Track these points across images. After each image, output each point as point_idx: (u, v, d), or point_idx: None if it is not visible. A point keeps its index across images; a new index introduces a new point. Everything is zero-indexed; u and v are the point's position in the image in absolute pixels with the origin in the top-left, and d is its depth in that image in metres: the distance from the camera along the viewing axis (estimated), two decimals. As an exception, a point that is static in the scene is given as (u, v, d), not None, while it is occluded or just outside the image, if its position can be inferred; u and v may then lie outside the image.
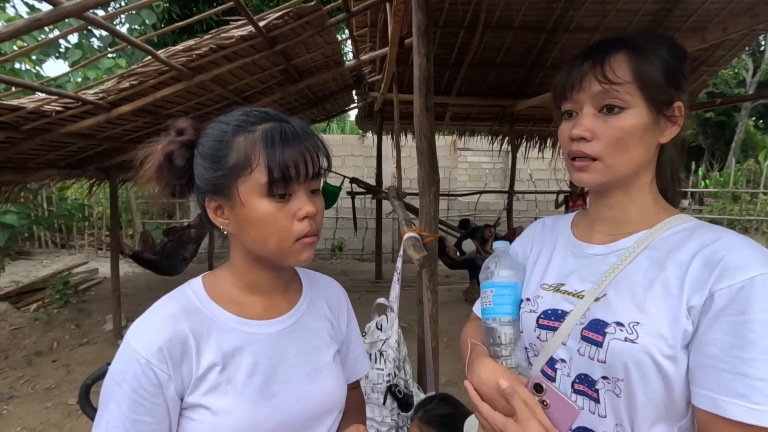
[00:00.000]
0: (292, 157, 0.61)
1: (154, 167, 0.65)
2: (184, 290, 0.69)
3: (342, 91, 5.47)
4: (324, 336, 0.76)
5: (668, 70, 0.64)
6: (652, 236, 0.66)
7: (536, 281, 0.77)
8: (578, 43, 5.07)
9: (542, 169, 9.57)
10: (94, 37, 6.73)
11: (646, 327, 0.58)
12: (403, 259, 1.74)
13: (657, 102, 0.63)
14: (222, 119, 0.66)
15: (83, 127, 2.77)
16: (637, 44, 0.64)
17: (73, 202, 7.35)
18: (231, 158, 0.61)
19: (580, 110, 0.67)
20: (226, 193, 0.63)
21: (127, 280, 6.29)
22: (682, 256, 0.61)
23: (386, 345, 1.63)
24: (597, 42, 0.67)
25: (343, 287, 0.88)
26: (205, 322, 0.65)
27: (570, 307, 0.68)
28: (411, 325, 4.01)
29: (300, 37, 2.94)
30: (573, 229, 0.79)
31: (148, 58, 2.45)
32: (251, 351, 0.66)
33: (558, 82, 0.69)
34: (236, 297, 0.70)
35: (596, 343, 0.62)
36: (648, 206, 0.69)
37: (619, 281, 0.64)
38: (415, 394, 1.61)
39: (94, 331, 4.45)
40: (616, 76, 0.62)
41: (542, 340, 0.71)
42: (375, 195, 6.00)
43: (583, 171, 0.67)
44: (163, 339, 0.61)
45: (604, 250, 0.70)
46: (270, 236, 0.63)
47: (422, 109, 1.63)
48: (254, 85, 3.72)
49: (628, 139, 0.63)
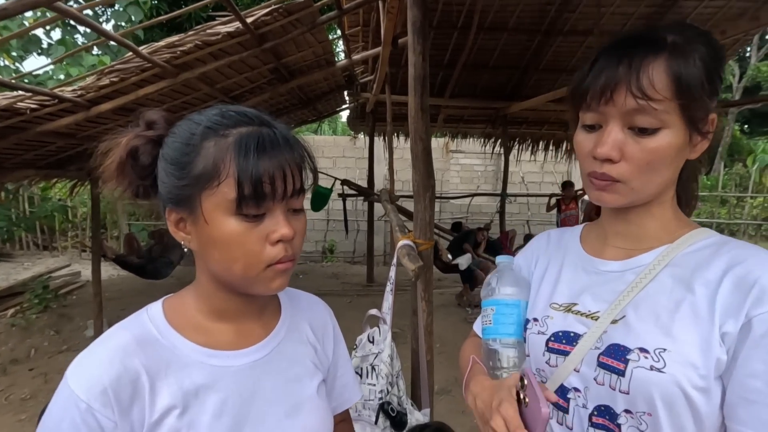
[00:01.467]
0: (269, 171, 0.51)
1: (116, 163, 0.56)
2: (140, 317, 0.59)
3: (334, 92, 5.38)
4: (306, 364, 0.67)
5: (708, 76, 0.55)
6: (674, 252, 0.60)
7: (544, 300, 0.70)
8: (572, 46, 5.05)
9: (534, 172, 9.58)
10: (78, 34, 6.55)
11: (675, 354, 0.52)
12: (397, 267, 1.66)
13: (695, 119, 0.55)
14: (193, 117, 0.55)
15: (61, 125, 2.63)
16: (678, 45, 0.54)
17: (55, 203, 7.14)
18: (197, 166, 0.52)
19: (605, 123, 0.58)
20: (188, 206, 0.54)
21: (111, 284, 6.12)
22: (710, 275, 0.55)
23: (378, 359, 1.54)
24: (629, 38, 0.57)
25: (329, 307, 0.79)
26: (163, 356, 0.55)
27: (583, 329, 0.62)
28: (403, 330, 3.93)
29: (290, 35, 2.85)
30: (582, 242, 0.72)
31: (129, 54, 2.33)
32: (219, 387, 0.57)
33: (581, 84, 0.59)
34: (202, 324, 0.60)
35: (617, 372, 0.55)
36: (669, 221, 0.63)
37: (640, 301, 0.58)
38: (409, 412, 1.53)
39: (74, 337, 4.29)
40: (656, 90, 0.53)
41: (552, 366, 0.64)
42: (367, 197, 5.91)
43: (603, 191, 0.60)
44: (108, 378, 0.51)
45: (619, 266, 0.64)
46: (236, 260, 0.53)
47: (417, 110, 1.55)
48: (243, 84, 3.62)
49: (661, 162, 0.56)
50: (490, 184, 10.32)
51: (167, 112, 0.59)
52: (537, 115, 6.54)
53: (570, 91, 0.62)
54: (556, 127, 6.92)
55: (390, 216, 2.48)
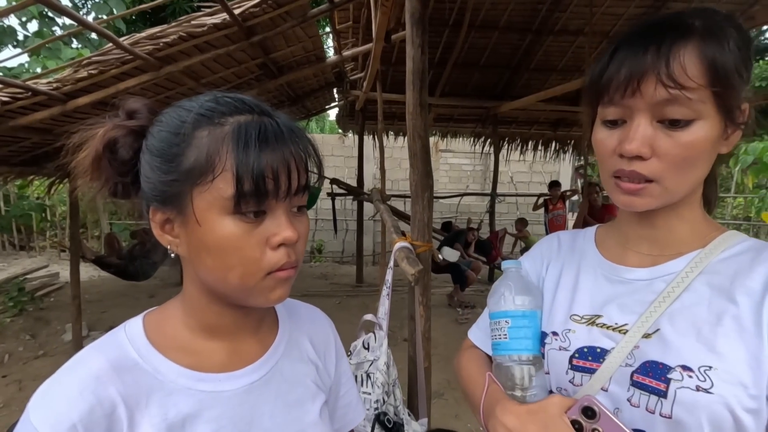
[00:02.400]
0: (272, 165, 0.44)
1: (91, 157, 0.49)
2: (117, 337, 0.50)
3: (323, 89, 5.29)
4: (308, 385, 0.59)
5: (742, 64, 0.50)
6: (708, 258, 0.55)
7: (563, 311, 0.64)
8: (563, 46, 5.06)
9: (523, 172, 9.63)
10: (56, 26, 6.32)
11: (722, 372, 0.48)
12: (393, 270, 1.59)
13: (730, 108, 0.51)
14: (183, 104, 0.49)
15: (35, 120, 2.49)
16: (710, 30, 0.49)
17: (32, 201, 6.89)
18: (188, 158, 0.45)
19: (631, 118, 0.52)
20: (177, 204, 0.47)
21: (91, 285, 5.92)
22: (753, 284, 0.51)
23: (374, 367, 1.47)
24: (652, 24, 0.52)
25: (330, 319, 0.71)
26: (144, 382, 0.48)
27: (611, 344, 0.56)
28: (393, 332, 3.88)
29: (279, 29, 2.75)
30: (599, 247, 0.67)
31: (108, 45, 2.21)
32: (210, 417, 0.49)
33: (601, 75, 0.54)
34: (189, 343, 0.52)
35: (657, 392, 0.50)
36: (699, 223, 0.58)
37: (675, 313, 0.53)
38: (406, 422, 1.46)
39: (51, 341, 4.12)
40: (688, 78, 0.48)
41: (576, 385, 0.58)
42: (356, 196, 5.83)
43: (634, 195, 0.54)
44: (78, 412, 0.43)
45: (646, 274, 0.58)
46: (232, 268, 0.46)
47: (416, 106, 1.47)
48: (230, 79, 3.50)
49: (697, 157, 0.51)
50: (478, 183, 10.34)
51: (150, 102, 0.51)
52: (527, 115, 6.55)
53: (588, 85, 0.57)
54: (545, 126, 6.94)
55: (383, 216, 2.41)
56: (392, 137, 6.93)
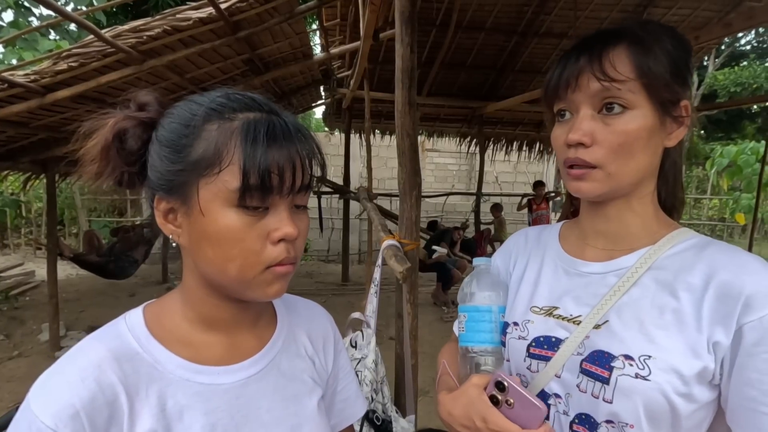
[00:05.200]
0: (278, 162, 0.46)
1: (100, 146, 0.50)
2: (117, 327, 0.51)
3: (309, 87, 5.25)
4: (305, 380, 0.60)
5: (674, 64, 0.56)
6: (656, 254, 0.59)
7: (524, 303, 0.68)
8: (547, 48, 5.13)
9: (507, 172, 9.73)
10: (33, 17, 6.13)
11: (659, 361, 0.52)
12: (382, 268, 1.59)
13: (663, 101, 0.56)
14: (194, 98, 0.50)
15: (11, 113, 2.42)
16: (639, 36, 0.56)
17: (6, 197, 6.67)
18: (196, 149, 0.47)
19: (576, 111, 0.59)
20: (182, 194, 0.48)
21: (68, 284, 5.77)
22: (693, 279, 0.54)
23: (362, 365, 1.47)
24: (592, 34, 0.59)
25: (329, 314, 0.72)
26: (144, 372, 0.48)
27: (565, 334, 0.61)
28: (380, 330, 3.87)
29: (266, 24, 2.73)
30: (561, 241, 0.71)
31: (89, 37, 2.16)
32: (206, 409, 0.50)
33: (550, 81, 0.61)
34: (188, 335, 0.53)
35: (601, 379, 0.55)
36: (650, 219, 0.62)
37: (623, 306, 0.57)
38: (394, 419, 1.46)
39: (27, 342, 4.00)
40: (617, 72, 0.55)
41: (533, 371, 0.63)
42: (342, 195, 5.81)
43: (581, 180, 0.59)
44: (80, 399, 0.44)
45: (601, 268, 0.62)
46: (232, 259, 0.47)
47: (405, 104, 1.48)
48: (214, 74, 3.46)
49: (633, 144, 0.56)
50: (463, 183, 10.40)
51: (160, 96, 0.53)
52: (512, 116, 6.62)
53: (543, 90, 0.64)
54: (530, 127, 7.04)
55: (371, 215, 2.41)
56: (379, 136, 6.93)
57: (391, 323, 3.54)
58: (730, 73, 13.37)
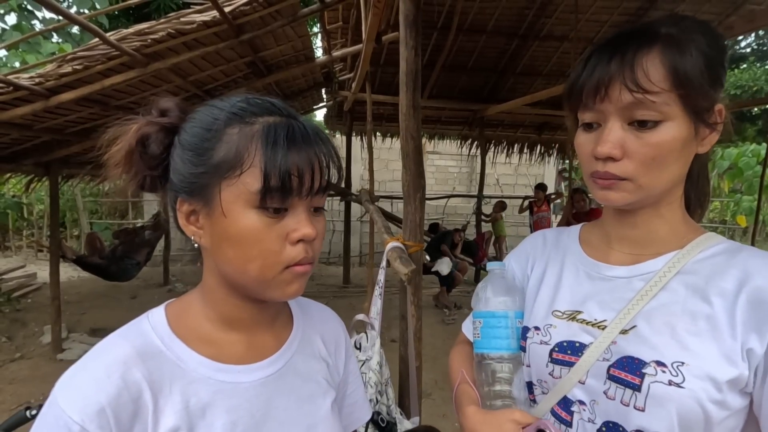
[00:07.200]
0: (297, 164, 0.47)
1: (123, 151, 0.51)
2: (141, 325, 0.52)
3: (311, 89, 5.27)
4: (319, 381, 0.61)
5: (710, 66, 0.52)
6: (685, 258, 0.57)
7: (545, 307, 0.66)
8: (548, 51, 5.15)
9: (508, 174, 9.73)
10: (36, 20, 6.15)
11: (694, 368, 0.50)
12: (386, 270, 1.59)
13: (699, 110, 0.53)
14: (216, 103, 0.52)
15: (16, 116, 2.43)
16: (672, 36, 0.52)
17: (8, 199, 6.68)
18: (218, 152, 0.48)
19: (605, 122, 0.55)
20: (204, 196, 0.49)
21: (70, 286, 5.77)
22: (726, 285, 0.53)
23: (366, 367, 1.47)
24: (622, 33, 0.55)
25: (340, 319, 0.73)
26: (168, 369, 0.49)
27: (589, 339, 0.58)
28: (382, 332, 3.87)
29: (269, 27, 2.74)
30: (582, 245, 0.69)
31: (94, 40, 2.17)
32: (228, 406, 0.51)
33: (575, 82, 0.57)
34: (210, 334, 0.54)
35: (632, 386, 0.52)
36: (678, 223, 0.60)
37: (652, 311, 0.55)
38: (399, 421, 1.46)
39: (29, 344, 4.00)
40: (651, 83, 0.51)
41: (555, 377, 0.61)
42: (344, 197, 5.82)
43: (609, 189, 0.56)
44: (106, 396, 0.45)
45: (626, 272, 0.60)
46: (252, 259, 0.49)
47: (409, 107, 1.49)
48: (217, 77, 3.47)
49: (667, 157, 0.53)
50: (464, 185, 10.40)
51: (181, 101, 0.55)
52: (512, 118, 6.64)
53: (566, 91, 0.60)
54: (530, 130, 7.06)
55: (374, 217, 2.41)
56: (380, 138, 6.94)
57: (392, 326, 3.54)
58: (730, 75, 13.39)
